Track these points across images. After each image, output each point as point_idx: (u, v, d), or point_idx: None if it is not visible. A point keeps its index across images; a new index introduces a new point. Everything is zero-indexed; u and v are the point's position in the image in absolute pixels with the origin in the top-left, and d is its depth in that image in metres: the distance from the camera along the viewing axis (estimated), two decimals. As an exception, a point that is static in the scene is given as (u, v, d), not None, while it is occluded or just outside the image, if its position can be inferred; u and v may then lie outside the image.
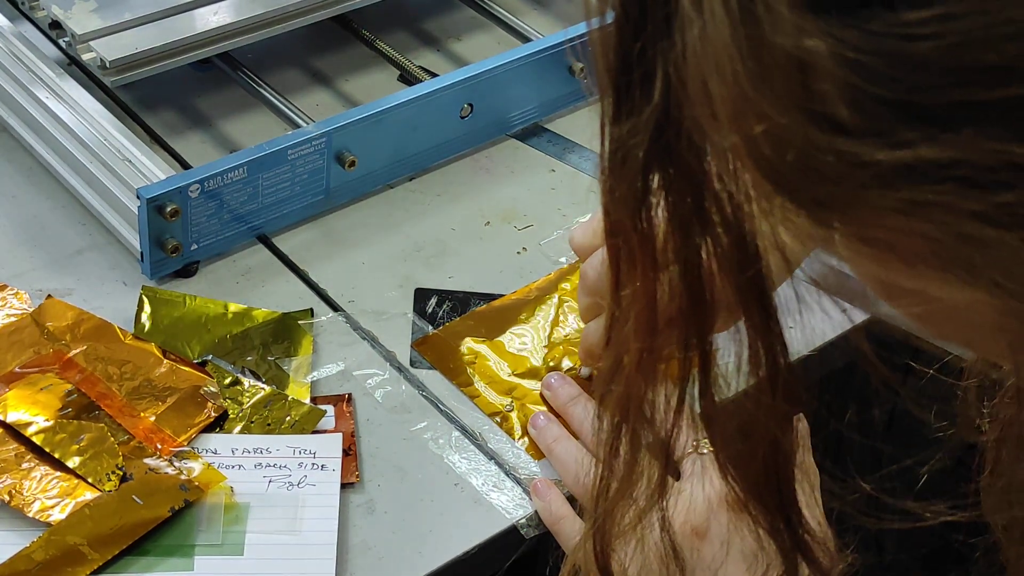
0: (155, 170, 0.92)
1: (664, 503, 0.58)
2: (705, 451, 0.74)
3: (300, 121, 0.99)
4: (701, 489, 0.73)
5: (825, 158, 0.37)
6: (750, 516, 0.53)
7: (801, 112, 0.37)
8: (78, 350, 0.85)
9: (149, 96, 1.08)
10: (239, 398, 0.84)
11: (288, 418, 0.83)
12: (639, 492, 0.57)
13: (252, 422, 0.83)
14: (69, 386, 0.82)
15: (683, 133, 0.42)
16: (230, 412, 0.83)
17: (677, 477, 0.75)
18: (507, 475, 0.82)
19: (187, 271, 0.93)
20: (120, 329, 0.87)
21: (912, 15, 0.34)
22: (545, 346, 0.90)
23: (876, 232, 0.39)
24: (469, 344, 0.90)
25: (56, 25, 1.00)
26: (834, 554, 0.61)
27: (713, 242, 0.44)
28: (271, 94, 1.03)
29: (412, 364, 0.88)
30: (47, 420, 0.80)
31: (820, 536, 0.55)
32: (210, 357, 0.87)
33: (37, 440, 0.79)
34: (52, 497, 0.76)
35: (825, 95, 0.36)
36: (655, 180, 0.44)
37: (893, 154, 0.36)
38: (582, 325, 0.86)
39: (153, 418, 0.82)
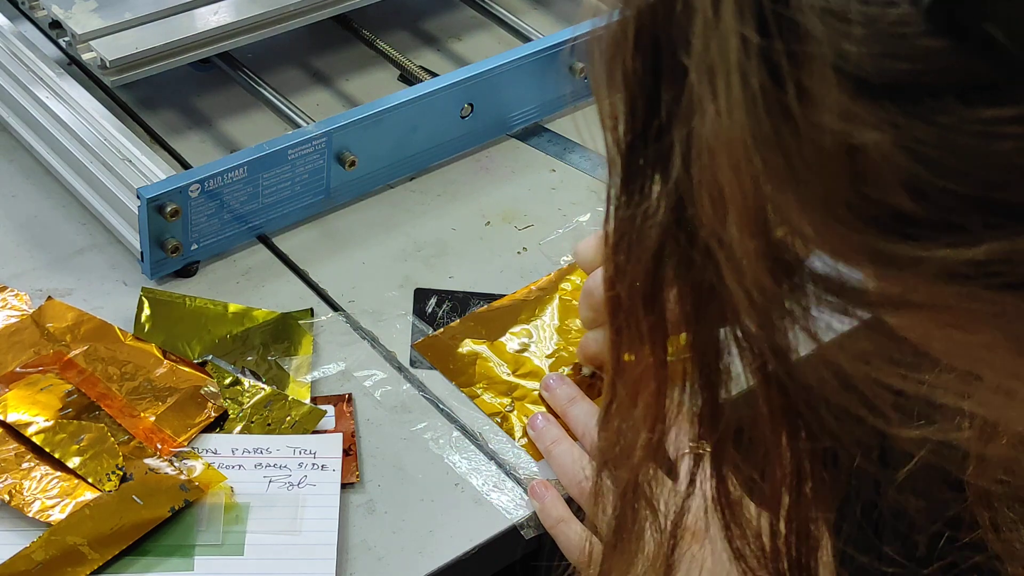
0: (155, 170, 0.92)
1: None
2: (702, 451, 0.73)
3: (300, 121, 0.99)
4: (701, 491, 0.72)
5: (868, 263, 0.35)
6: None
7: (841, 210, 0.34)
8: (78, 351, 0.85)
9: (149, 96, 1.08)
10: (239, 398, 0.84)
11: (288, 418, 0.83)
12: (642, 567, 0.54)
13: (252, 422, 0.83)
14: (69, 386, 0.82)
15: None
16: (230, 412, 0.83)
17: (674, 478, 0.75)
18: (507, 475, 0.82)
19: (187, 271, 0.93)
20: (120, 330, 0.87)
21: (991, 112, 0.32)
22: (550, 351, 0.90)
23: (926, 326, 0.38)
24: (469, 345, 0.90)
25: (56, 25, 1.00)
26: None
27: (734, 328, 0.40)
28: (271, 94, 1.03)
29: (412, 364, 0.88)
30: (47, 420, 0.80)
31: None
32: (210, 357, 0.87)
33: (37, 440, 0.79)
34: (52, 497, 0.77)
35: (882, 188, 0.33)
36: (670, 263, 0.41)
37: (962, 251, 0.34)
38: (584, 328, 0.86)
39: (153, 418, 0.82)
